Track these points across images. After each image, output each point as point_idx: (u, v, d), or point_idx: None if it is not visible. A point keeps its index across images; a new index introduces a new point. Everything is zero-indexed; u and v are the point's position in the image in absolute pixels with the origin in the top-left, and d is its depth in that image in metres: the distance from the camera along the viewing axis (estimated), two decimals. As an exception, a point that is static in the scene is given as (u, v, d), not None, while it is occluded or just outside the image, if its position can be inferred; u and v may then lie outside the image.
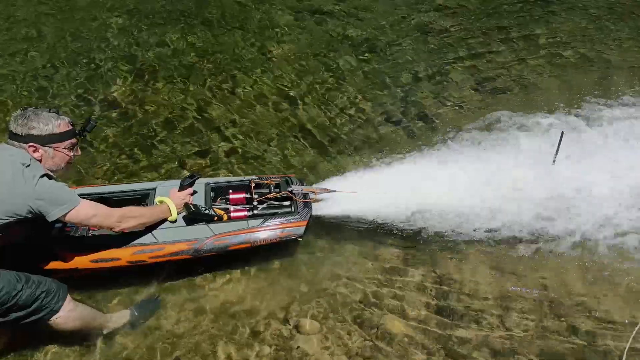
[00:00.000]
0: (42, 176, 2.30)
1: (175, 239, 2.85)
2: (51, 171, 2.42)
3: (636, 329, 2.72)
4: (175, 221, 2.92)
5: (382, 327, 2.79)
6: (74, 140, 2.51)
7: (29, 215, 2.28)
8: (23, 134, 2.36)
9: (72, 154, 2.52)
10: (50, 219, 2.31)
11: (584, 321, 2.80)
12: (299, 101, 4.71)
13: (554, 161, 3.39)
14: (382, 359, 2.64)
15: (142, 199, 3.13)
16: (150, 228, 2.83)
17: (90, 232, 2.84)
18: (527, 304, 2.91)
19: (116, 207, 2.63)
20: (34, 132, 2.36)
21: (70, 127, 2.49)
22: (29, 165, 2.29)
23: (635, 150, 3.62)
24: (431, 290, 3.01)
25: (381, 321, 2.82)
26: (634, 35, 5.56)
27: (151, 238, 2.83)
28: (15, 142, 2.38)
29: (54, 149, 2.43)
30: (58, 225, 2.77)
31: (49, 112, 2.44)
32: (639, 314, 2.81)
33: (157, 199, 2.99)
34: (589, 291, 2.97)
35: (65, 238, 2.79)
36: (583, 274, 3.07)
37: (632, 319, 2.79)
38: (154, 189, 3.15)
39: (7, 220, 2.25)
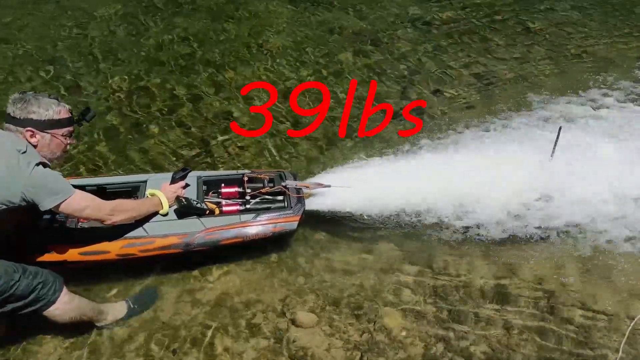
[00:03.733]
0: (37, 164, 2.26)
1: (166, 232, 2.83)
2: (46, 159, 2.38)
3: (632, 324, 2.73)
4: (166, 214, 2.89)
5: (380, 320, 2.79)
6: (71, 128, 2.48)
7: (23, 204, 2.25)
8: (21, 118, 2.32)
9: (68, 141, 2.48)
10: (43, 208, 2.28)
11: (581, 316, 2.81)
12: (295, 92, 4.67)
13: (552, 154, 3.40)
14: (380, 352, 2.64)
15: (132, 191, 3.09)
16: (140, 221, 2.80)
17: (79, 224, 2.81)
18: (523, 298, 2.92)
19: (106, 199, 2.59)
20: (34, 116, 2.33)
21: (70, 115, 2.46)
22: (24, 152, 2.25)
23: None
24: (428, 284, 3.01)
25: (379, 315, 2.82)
26: (630, 28, 5.57)
27: (141, 231, 2.80)
28: (12, 126, 2.33)
29: (52, 136, 2.39)
30: (46, 216, 2.74)
31: (49, 97, 2.41)
32: (635, 309, 2.83)
33: (148, 192, 2.96)
34: (586, 286, 2.97)
35: (53, 230, 2.75)
36: (580, 269, 3.07)
37: (629, 315, 2.80)
38: (145, 181, 3.11)
39: (1, 208, 2.22)
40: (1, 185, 2.20)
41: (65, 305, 2.44)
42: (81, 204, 2.40)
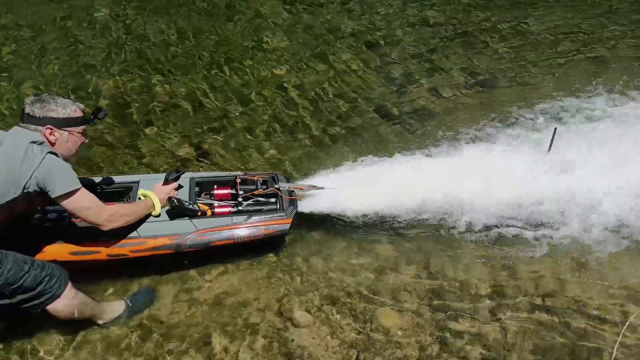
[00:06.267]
0: (50, 152, 2.36)
1: (158, 233, 2.84)
2: (63, 156, 2.47)
3: (627, 324, 2.75)
4: (158, 215, 2.90)
5: (376, 320, 2.80)
6: (84, 127, 2.59)
7: (37, 189, 2.32)
8: (41, 117, 2.42)
9: (82, 140, 2.59)
10: (52, 195, 2.34)
11: (576, 316, 2.83)
12: (292, 94, 4.69)
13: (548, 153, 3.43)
14: (376, 351, 2.66)
15: (125, 192, 3.09)
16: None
17: (70, 221, 2.80)
18: (519, 298, 2.93)
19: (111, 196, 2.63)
20: (53, 114, 2.44)
21: (83, 114, 2.58)
22: (40, 143, 2.36)
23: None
24: (425, 284, 3.02)
25: (375, 314, 2.83)
26: (625, 29, 5.60)
27: (133, 232, 2.80)
28: (31, 125, 2.42)
29: (69, 133, 2.50)
30: (38, 214, 2.77)
31: (63, 98, 2.53)
32: (629, 309, 2.85)
33: (140, 192, 2.97)
34: (581, 286, 2.99)
35: (44, 229, 2.76)
36: (575, 269, 3.09)
37: (623, 314, 2.82)
38: (138, 182, 3.12)
39: (16, 195, 2.29)
40: (18, 173, 2.27)
41: (69, 300, 2.47)
42: (85, 202, 2.44)
